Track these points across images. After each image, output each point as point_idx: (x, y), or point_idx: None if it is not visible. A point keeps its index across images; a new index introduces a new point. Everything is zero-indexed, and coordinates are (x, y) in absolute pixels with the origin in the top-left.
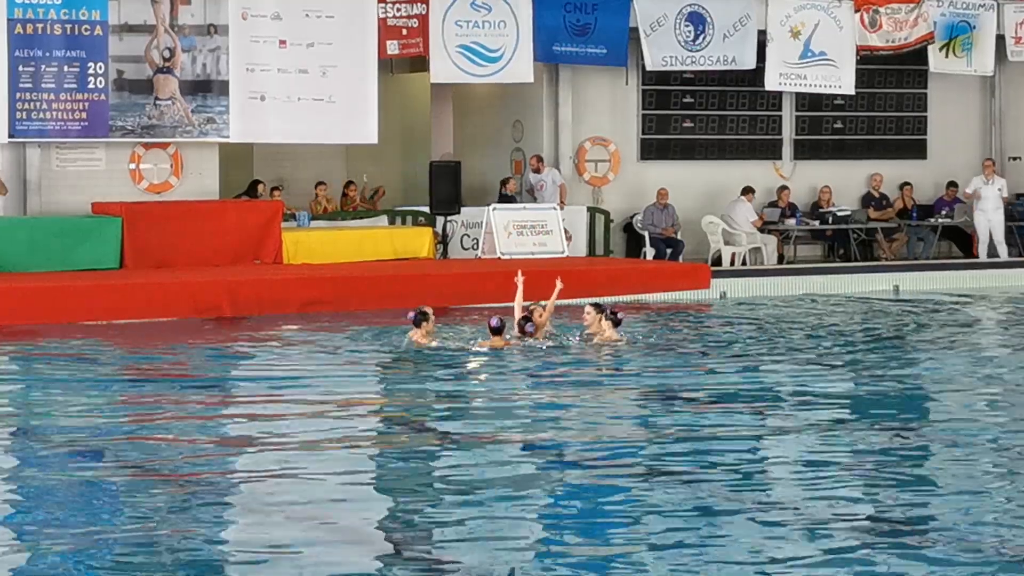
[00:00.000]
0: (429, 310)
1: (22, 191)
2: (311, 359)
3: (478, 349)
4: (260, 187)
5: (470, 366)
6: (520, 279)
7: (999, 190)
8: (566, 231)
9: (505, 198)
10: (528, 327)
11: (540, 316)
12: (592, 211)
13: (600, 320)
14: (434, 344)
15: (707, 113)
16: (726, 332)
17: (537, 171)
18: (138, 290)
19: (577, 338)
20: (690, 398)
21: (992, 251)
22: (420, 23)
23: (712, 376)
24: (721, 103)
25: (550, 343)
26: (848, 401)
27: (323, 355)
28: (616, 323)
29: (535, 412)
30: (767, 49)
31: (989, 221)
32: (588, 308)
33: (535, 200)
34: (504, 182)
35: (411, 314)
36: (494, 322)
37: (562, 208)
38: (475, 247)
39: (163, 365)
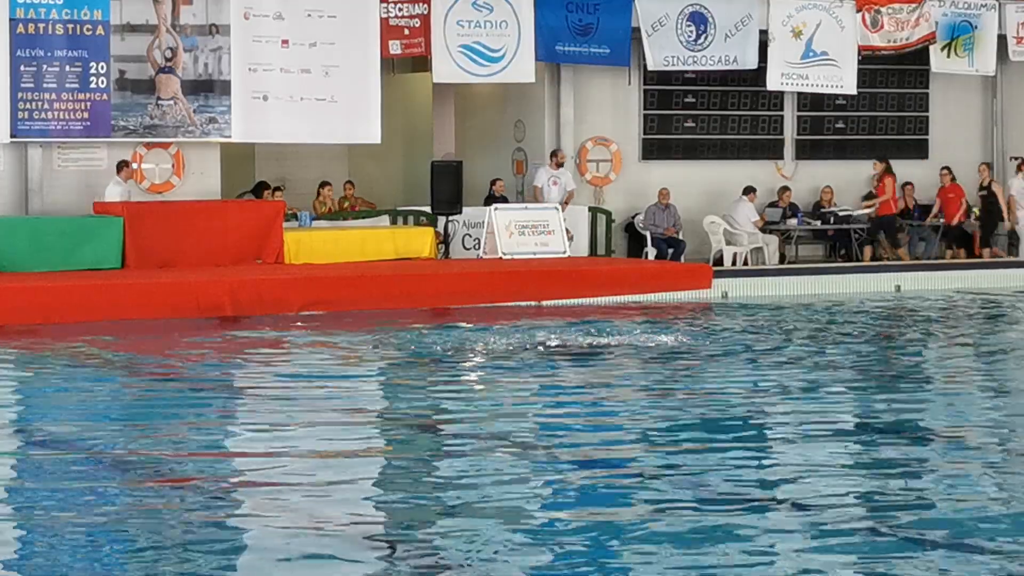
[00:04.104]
0: None
1: (24, 191)
2: (321, 359)
3: None
4: (266, 193)
5: (487, 371)
6: None
7: None
8: (568, 231)
9: (494, 198)
10: None
11: None
12: (594, 211)
13: None
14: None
15: (709, 113)
16: (728, 332)
17: (561, 165)
18: (140, 290)
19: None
20: (693, 399)
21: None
22: (422, 23)
23: (714, 376)
24: (723, 103)
25: None
26: (849, 401)
27: (331, 356)
28: None
29: (540, 414)
30: (769, 49)
31: None
32: None
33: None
34: (493, 183)
35: None
36: None
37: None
38: (476, 247)
39: (167, 365)
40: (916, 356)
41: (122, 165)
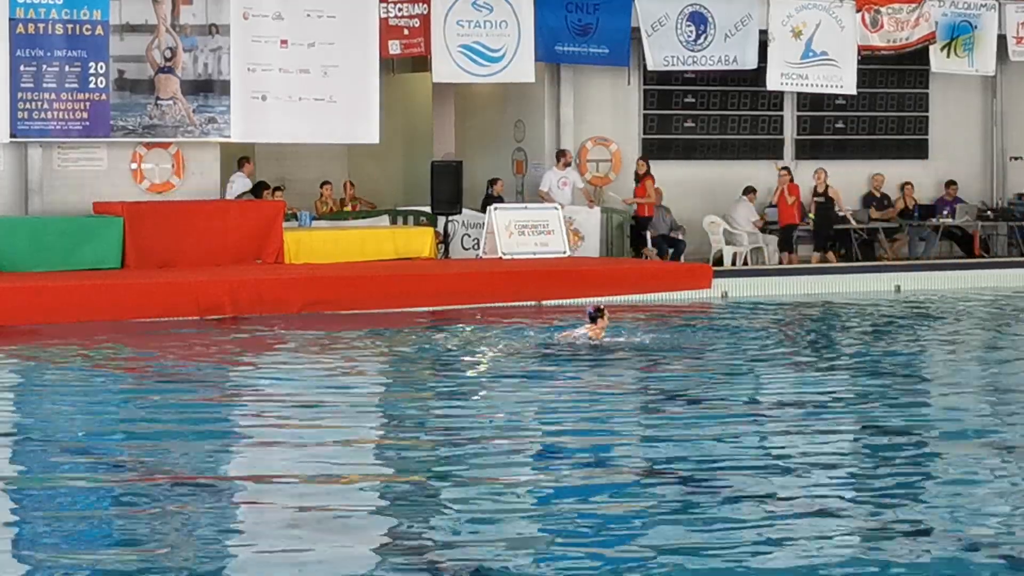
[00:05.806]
0: (604, 307)
1: (23, 191)
2: (320, 359)
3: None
4: (266, 193)
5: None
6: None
7: None
8: (576, 232)
9: (492, 199)
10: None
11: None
12: (607, 212)
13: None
14: (605, 339)
15: (709, 113)
16: (727, 331)
17: (568, 165)
18: (140, 290)
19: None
20: (690, 398)
21: None
22: (421, 23)
23: (712, 376)
24: (723, 103)
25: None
26: (847, 400)
27: (333, 357)
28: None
29: (539, 414)
30: (768, 49)
31: None
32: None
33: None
34: (492, 183)
35: (590, 309)
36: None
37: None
38: (476, 247)
39: (166, 365)
40: (915, 356)
41: (243, 161)
